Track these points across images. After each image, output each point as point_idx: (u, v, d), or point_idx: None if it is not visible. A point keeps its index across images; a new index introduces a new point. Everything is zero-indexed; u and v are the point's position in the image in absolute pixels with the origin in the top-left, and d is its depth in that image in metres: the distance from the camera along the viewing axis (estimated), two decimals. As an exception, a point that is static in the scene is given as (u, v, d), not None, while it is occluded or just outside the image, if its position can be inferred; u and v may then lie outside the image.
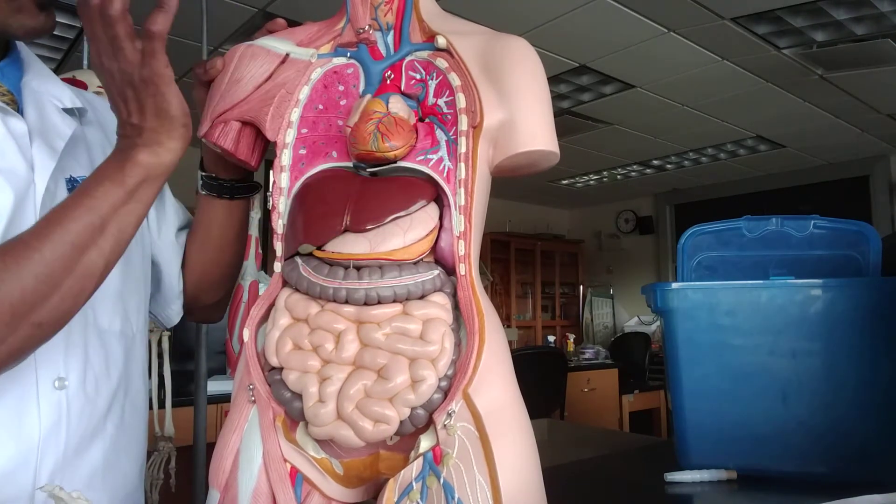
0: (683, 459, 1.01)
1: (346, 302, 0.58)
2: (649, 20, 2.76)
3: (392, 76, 0.66)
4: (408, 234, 0.59)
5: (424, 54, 0.65)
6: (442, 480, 0.55)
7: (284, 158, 0.66)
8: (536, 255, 6.49)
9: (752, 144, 4.65)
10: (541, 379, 3.60)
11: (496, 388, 0.57)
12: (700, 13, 2.67)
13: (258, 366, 0.63)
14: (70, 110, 0.75)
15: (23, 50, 0.75)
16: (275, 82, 0.67)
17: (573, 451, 1.54)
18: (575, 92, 3.61)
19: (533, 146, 0.60)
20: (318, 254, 0.61)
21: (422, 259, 0.60)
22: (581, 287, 6.72)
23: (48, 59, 3.04)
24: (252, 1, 2.59)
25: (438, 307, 0.59)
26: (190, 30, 2.71)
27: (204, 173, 0.79)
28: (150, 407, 1.90)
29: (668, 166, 5.30)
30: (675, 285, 1.01)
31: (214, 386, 2.25)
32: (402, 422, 0.56)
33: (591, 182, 5.89)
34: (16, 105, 0.71)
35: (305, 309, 0.60)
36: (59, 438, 0.67)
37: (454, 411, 0.56)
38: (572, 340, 5.26)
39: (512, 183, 5.52)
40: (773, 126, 4.22)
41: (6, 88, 0.71)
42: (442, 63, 0.63)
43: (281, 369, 0.60)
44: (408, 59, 0.66)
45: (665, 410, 4.48)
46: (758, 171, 5.43)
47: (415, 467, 0.56)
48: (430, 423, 0.57)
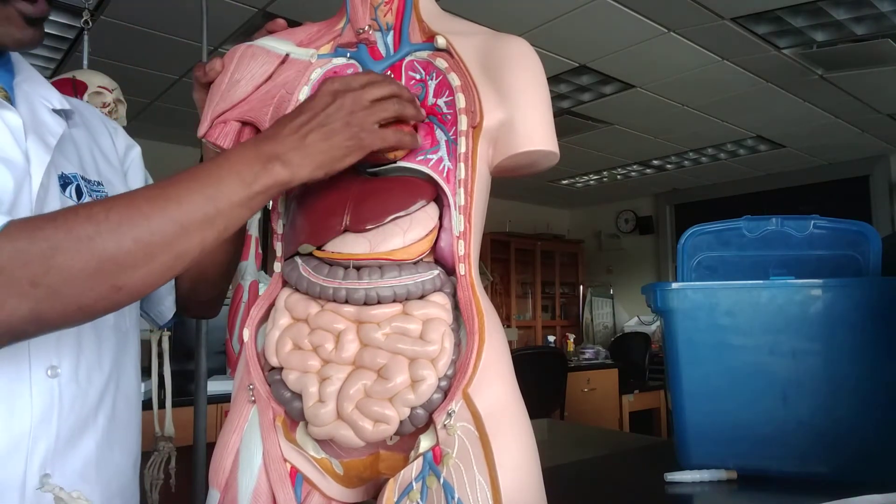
0: (683, 459, 1.01)
1: (346, 302, 0.58)
2: (649, 20, 2.76)
3: (392, 76, 0.66)
4: (408, 234, 0.59)
5: (424, 54, 0.65)
6: (442, 480, 0.55)
7: (284, 158, 0.66)
8: (536, 255, 6.49)
9: (752, 144, 4.64)
10: (541, 379, 3.60)
11: (496, 388, 0.57)
12: (700, 13, 2.67)
13: (258, 366, 0.63)
14: (59, 111, 0.77)
15: (13, 54, 0.77)
16: (275, 83, 0.67)
17: (573, 451, 1.54)
18: (575, 92, 3.61)
19: (532, 146, 0.60)
20: (318, 254, 0.61)
21: (422, 259, 0.60)
22: (581, 287, 6.72)
23: (48, 59, 3.04)
24: (252, 1, 2.59)
25: (438, 307, 0.59)
26: (190, 30, 2.72)
27: None
28: (150, 407, 1.91)
29: (668, 166, 5.30)
30: (675, 285, 1.01)
31: (214, 386, 2.25)
32: (401, 422, 0.56)
33: (591, 182, 5.89)
34: (9, 101, 0.72)
35: (305, 309, 0.60)
36: (50, 427, 0.67)
37: (454, 411, 0.56)
38: (572, 340, 5.25)
39: (512, 183, 5.52)
40: (773, 126, 4.22)
41: (0, 86, 0.72)
42: (442, 63, 0.63)
43: (281, 369, 0.60)
44: (407, 59, 0.66)
45: (665, 410, 4.48)
46: (758, 171, 5.43)
47: (415, 467, 0.56)
48: (430, 423, 0.57)
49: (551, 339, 5.39)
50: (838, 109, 3.88)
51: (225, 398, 2.31)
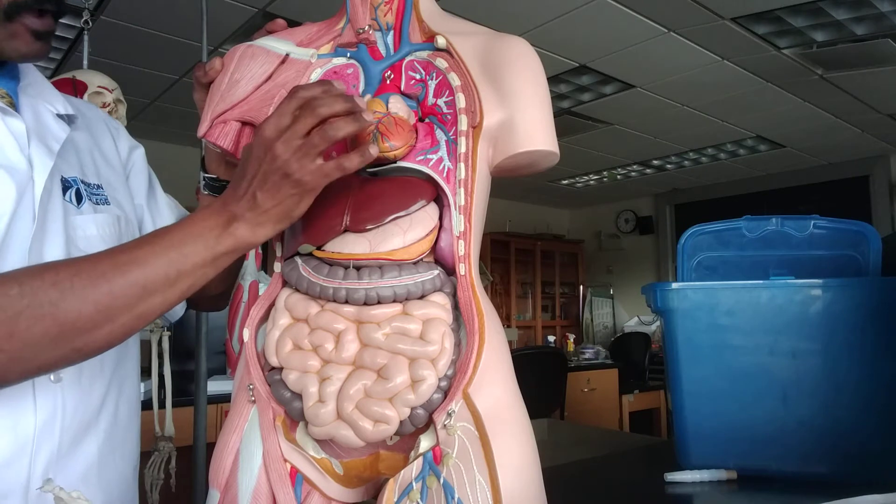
0: (683, 459, 1.01)
1: (346, 302, 0.58)
2: (649, 20, 2.75)
3: (392, 76, 0.66)
4: (408, 234, 0.59)
5: (424, 54, 0.65)
6: (442, 480, 0.55)
7: (284, 158, 0.66)
8: (536, 255, 6.48)
9: (752, 144, 4.64)
10: (541, 379, 3.60)
11: (496, 388, 0.57)
12: (700, 13, 2.67)
13: (258, 366, 0.63)
14: (62, 116, 0.78)
15: None
16: (274, 82, 0.67)
17: (573, 451, 1.54)
18: (575, 92, 3.61)
19: (532, 146, 0.60)
20: (318, 254, 0.61)
21: (422, 259, 0.60)
22: (581, 287, 6.72)
23: (48, 59, 3.04)
24: (252, 1, 2.59)
25: (438, 307, 0.59)
26: (190, 30, 2.72)
27: (206, 174, 0.80)
28: (150, 407, 1.91)
29: (668, 166, 5.30)
30: (675, 285, 1.01)
31: (214, 386, 2.25)
32: (402, 422, 0.56)
33: (591, 182, 5.89)
34: (14, 107, 0.73)
35: (305, 309, 0.60)
36: (54, 431, 0.68)
37: (454, 411, 0.56)
38: (572, 340, 5.25)
39: (512, 183, 5.52)
40: (773, 126, 4.22)
41: (4, 91, 0.73)
42: (442, 63, 0.63)
43: (281, 369, 0.60)
44: (407, 59, 0.66)
45: (665, 410, 4.48)
46: (758, 171, 5.43)
47: (415, 467, 0.56)
48: (430, 423, 0.57)
49: (551, 339, 5.39)
50: (838, 109, 3.88)
51: (225, 398, 2.31)
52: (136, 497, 0.82)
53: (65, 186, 0.74)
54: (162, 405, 1.96)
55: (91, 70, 1.76)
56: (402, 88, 0.65)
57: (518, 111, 0.61)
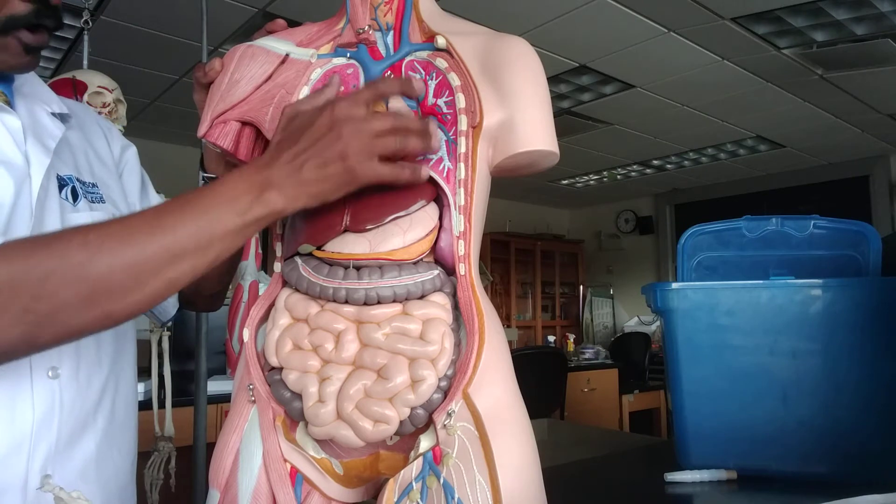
0: (683, 459, 1.01)
1: (346, 302, 0.58)
2: (649, 20, 2.76)
3: (392, 76, 0.66)
4: (407, 234, 0.59)
5: (424, 54, 0.65)
6: (442, 480, 0.55)
7: (284, 158, 0.66)
8: (536, 255, 6.48)
9: (752, 144, 4.65)
10: (541, 379, 3.60)
11: (496, 388, 0.57)
12: (700, 13, 2.67)
13: (258, 366, 0.63)
14: (57, 115, 0.78)
15: None
16: (274, 83, 0.67)
17: (573, 451, 1.54)
18: (575, 92, 3.61)
19: (532, 146, 0.60)
20: (318, 254, 0.61)
21: (422, 259, 0.60)
22: (581, 287, 6.72)
23: (48, 59, 3.04)
24: (252, 1, 2.59)
25: (438, 307, 0.59)
26: (190, 30, 2.72)
27: (205, 173, 0.80)
28: (150, 407, 1.91)
29: (668, 166, 5.30)
30: (675, 285, 1.01)
31: (214, 386, 2.25)
32: (401, 422, 0.56)
33: (591, 182, 5.89)
34: (8, 103, 0.73)
35: (305, 309, 0.60)
36: (51, 427, 0.68)
37: (454, 411, 0.56)
38: (572, 340, 5.25)
39: (512, 183, 5.52)
40: (773, 126, 4.22)
41: (0, 91, 0.73)
42: (442, 63, 0.63)
43: (281, 369, 0.60)
44: (407, 59, 0.66)
45: (665, 410, 4.48)
46: (758, 171, 5.43)
47: (415, 467, 0.56)
48: (430, 423, 0.57)
49: (551, 339, 5.39)
50: (838, 109, 3.88)
51: (225, 398, 2.31)
52: (133, 493, 0.83)
53: (61, 184, 0.74)
54: (162, 405, 1.96)
55: (91, 70, 1.76)
56: (402, 88, 0.65)
57: (518, 111, 0.61)
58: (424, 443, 0.57)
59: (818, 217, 1.06)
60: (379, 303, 0.58)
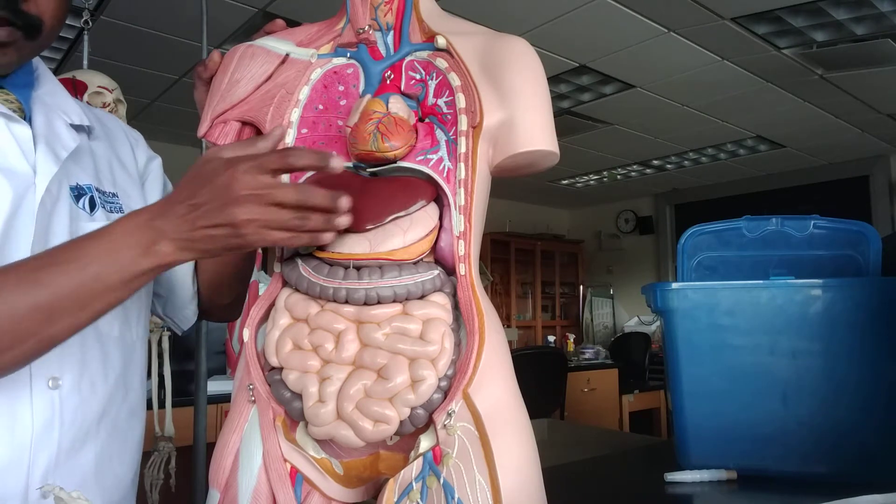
0: (683, 459, 1.01)
1: (346, 302, 0.58)
2: (649, 20, 2.75)
3: (392, 76, 0.66)
4: (408, 234, 0.59)
5: (424, 54, 0.65)
6: (442, 480, 0.55)
7: (284, 158, 0.66)
8: (536, 255, 6.48)
9: (752, 144, 4.64)
10: (541, 379, 3.60)
11: (496, 387, 0.57)
12: (700, 13, 2.67)
13: (258, 366, 0.63)
14: (76, 125, 0.77)
15: (39, 66, 0.78)
16: (275, 82, 0.67)
17: (573, 451, 1.54)
18: (575, 92, 3.61)
19: (532, 146, 0.60)
20: (319, 254, 0.61)
21: (422, 259, 0.60)
22: (581, 287, 6.72)
23: (48, 59, 3.04)
24: (252, 1, 2.58)
25: (438, 307, 0.59)
26: (190, 30, 2.72)
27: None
28: (150, 407, 1.91)
29: (668, 166, 5.30)
30: (675, 285, 1.01)
31: (214, 386, 2.25)
32: (402, 422, 0.56)
33: (591, 182, 5.88)
34: (23, 113, 0.73)
35: (305, 309, 0.60)
36: (51, 438, 0.67)
37: (454, 411, 0.56)
38: (572, 340, 5.25)
39: (512, 183, 5.52)
40: (773, 126, 4.22)
41: (14, 97, 0.73)
42: (442, 63, 0.63)
43: (281, 369, 0.60)
44: (408, 59, 0.66)
45: (665, 410, 4.48)
46: (758, 171, 5.43)
47: (415, 467, 0.56)
48: (430, 423, 0.57)
49: (551, 339, 5.39)
50: (838, 109, 3.87)
51: (225, 398, 2.31)
52: (133, 501, 0.82)
53: (79, 194, 0.74)
54: (162, 405, 1.96)
55: (91, 70, 1.76)
56: (402, 88, 0.66)
57: (518, 111, 0.61)
58: (424, 443, 0.57)
59: (818, 217, 1.06)
60: (379, 303, 0.58)
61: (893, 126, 4.20)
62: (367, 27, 0.67)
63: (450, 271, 0.61)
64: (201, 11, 1.83)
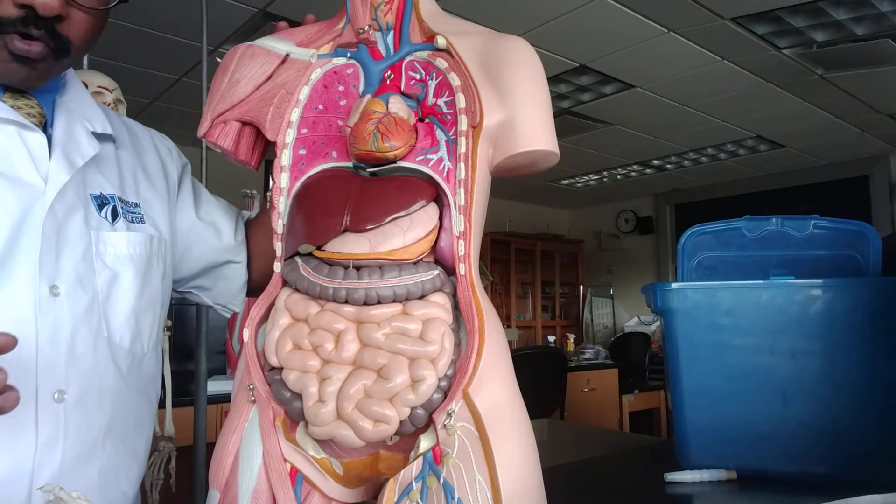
0: (683, 459, 1.01)
1: (346, 302, 0.58)
2: (649, 20, 2.76)
3: (392, 76, 0.66)
4: (408, 234, 0.59)
5: (424, 54, 0.65)
6: (442, 480, 0.55)
7: (284, 158, 0.66)
8: (536, 255, 6.48)
9: (752, 144, 4.64)
10: (541, 379, 3.60)
11: (496, 387, 0.57)
12: (700, 13, 2.67)
13: (258, 366, 0.63)
14: (98, 134, 0.77)
15: (68, 72, 0.78)
16: (275, 82, 0.67)
17: (573, 451, 1.54)
18: (575, 92, 3.61)
19: (532, 146, 0.60)
20: (318, 254, 0.61)
21: (422, 259, 0.60)
22: (581, 287, 6.72)
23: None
24: (252, 1, 2.59)
25: (438, 307, 0.59)
26: (190, 30, 2.72)
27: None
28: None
29: (668, 166, 5.30)
30: (675, 285, 1.01)
31: (214, 386, 2.25)
32: (401, 422, 0.56)
33: (591, 182, 5.89)
34: (43, 119, 0.72)
35: (305, 309, 0.60)
36: (55, 452, 0.66)
37: (454, 411, 0.56)
38: (572, 340, 5.25)
39: (512, 183, 5.52)
40: (773, 126, 4.22)
41: (35, 102, 0.72)
42: (442, 63, 0.63)
43: (281, 369, 0.60)
44: (408, 59, 0.66)
45: (665, 410, 4.48)
46: (758, 171, 5.43)
47: (415, 467, 0.56)
48: (430, 423, 0.57)
49: (551, 339, 5.39)
50: (838, 109, 3.88)
51: (225, 398, 2.31)
52: None
53: (102, 203, 0.74)
54: (162, 405, 1.95)
55: (91, 70, 1.76)
56: (402, 88, 0.66)
57: (518, 111, 0.61)
58: (424, 443, 0.57)
59: (818, 217, 1.06)
60: (379, 303, 0.58)
61: (893, 126, 4.20)
62: (367, 27, 0.67)
63: (450, 271, 0.61)
64: (201, 11, 1.83)
